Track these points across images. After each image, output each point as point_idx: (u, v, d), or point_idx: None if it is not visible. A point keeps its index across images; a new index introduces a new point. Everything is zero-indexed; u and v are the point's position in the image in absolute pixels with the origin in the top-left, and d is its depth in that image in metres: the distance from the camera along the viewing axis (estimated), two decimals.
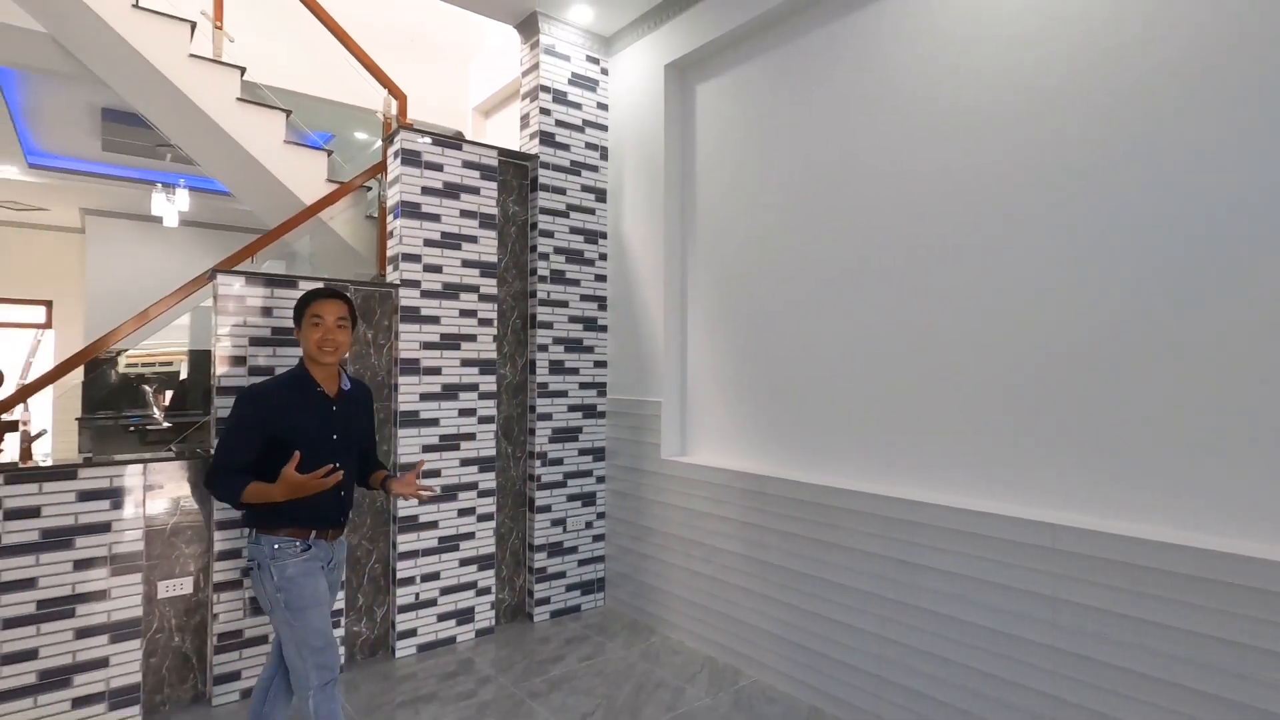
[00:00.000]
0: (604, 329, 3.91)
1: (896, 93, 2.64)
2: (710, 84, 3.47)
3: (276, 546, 2.00)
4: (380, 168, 3.60)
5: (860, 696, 2.54)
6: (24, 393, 2.77)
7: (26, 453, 2.62)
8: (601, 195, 3.91)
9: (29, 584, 2.39)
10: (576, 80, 3.84)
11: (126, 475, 2.60)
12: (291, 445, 1.97)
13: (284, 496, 1.95)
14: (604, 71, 3.95)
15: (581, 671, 3.02)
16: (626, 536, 3.71)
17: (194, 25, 3.63)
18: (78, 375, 4.61)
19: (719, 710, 2.68)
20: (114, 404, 4.86)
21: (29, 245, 8.68)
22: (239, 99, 3.71)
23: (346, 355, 2.20)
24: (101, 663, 2.50)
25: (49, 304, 8.87)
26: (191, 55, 3.57)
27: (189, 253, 8.24)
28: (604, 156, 3.93)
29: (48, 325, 8.96)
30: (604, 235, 3.91)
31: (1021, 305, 2.26)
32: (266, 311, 2.88)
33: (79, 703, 2.46)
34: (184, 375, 5.45)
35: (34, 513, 2.41)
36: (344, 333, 2.08)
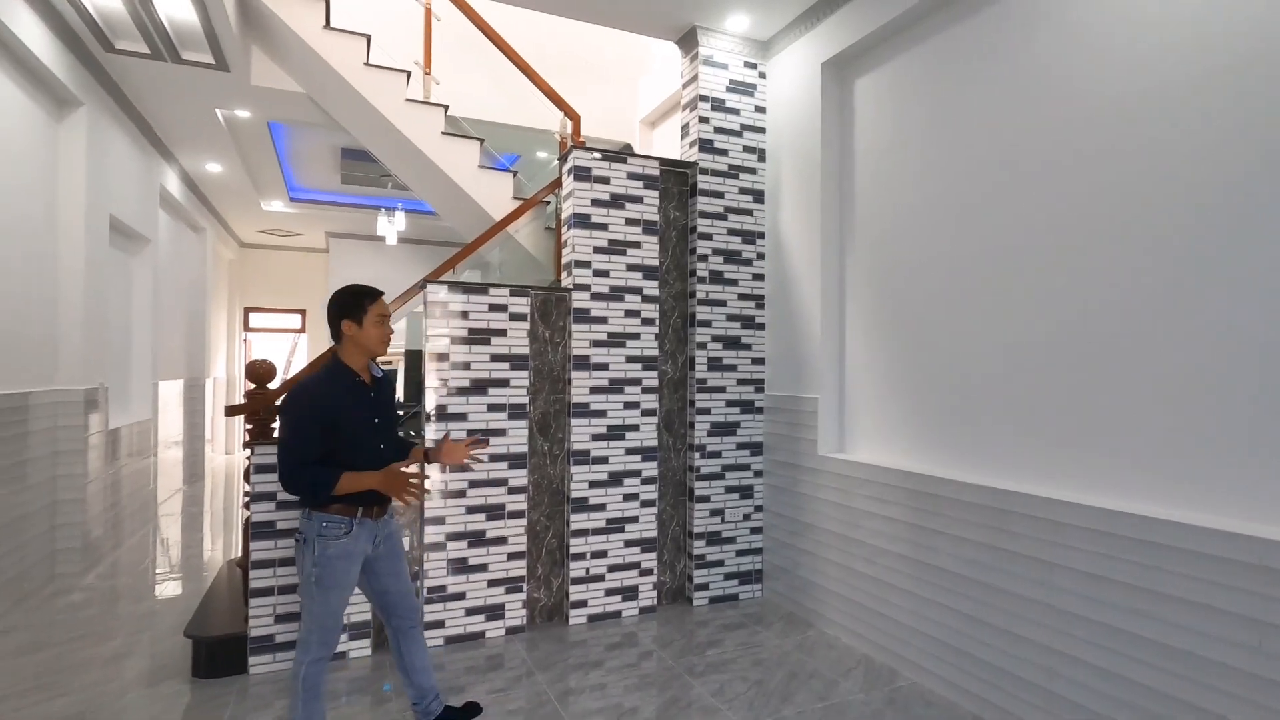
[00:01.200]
0: (761, 327, 3.99)
1: (1062, 78, 2.45)
2: (868, 78, 3.42)
3: (325, 524, 2.09)
4: (556, 184, 4.00)
5: (1026, 709, 2.41)
6: (286, 385, 3.47)
7: None
8: (759, 196, 4.00)
9: (293, 533, 3.02)
10: (734, 87, 3.96)
11: None
12: (342, 432, 2.10)
13: (379, 484, 2.10)
14: (761, 76, 4.03)
15: (737, 655, 3.15)
16: (784, 530, 3.77)
17: (408, 74, 4.29)
18: None
19: (872, 706, 2.67)
20: None
21: (288, 264, 10.62)
22: (443, 133, 4.31)
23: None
24: None
25: (303, 312, 10.76)
26: (407, 100, 4.23)
27: (405, 266, 9.55)
28: (761, 159, 4.01)
29: (302, 330, 10.87)
30: (761, 235, 3.99)
31: (1206, 298, 2.02)
32: (464, 314, 3.35)
33: None
34: (401, 372, 6.38)
35: None
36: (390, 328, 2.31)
